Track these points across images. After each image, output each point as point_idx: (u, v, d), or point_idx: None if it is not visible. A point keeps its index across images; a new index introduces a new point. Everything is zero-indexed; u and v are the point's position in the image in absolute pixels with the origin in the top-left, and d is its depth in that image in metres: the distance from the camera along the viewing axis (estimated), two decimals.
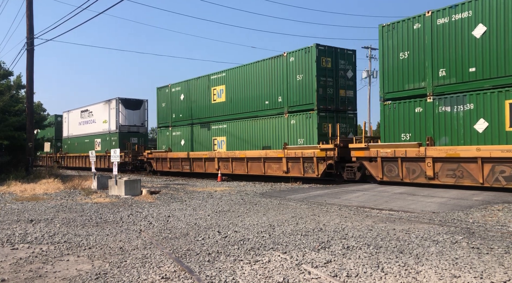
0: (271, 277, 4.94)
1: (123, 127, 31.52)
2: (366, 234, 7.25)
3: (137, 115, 32.48)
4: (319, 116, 17.56)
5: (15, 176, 19.68)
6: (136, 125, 32.33)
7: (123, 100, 31.56)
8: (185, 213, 10.18)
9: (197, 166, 23.76)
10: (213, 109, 23.30)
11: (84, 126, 36.69)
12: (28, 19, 20.94)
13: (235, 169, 21.28)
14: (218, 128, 22.88)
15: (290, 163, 18.32)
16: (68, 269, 5.49)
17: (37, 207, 11.61)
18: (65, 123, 40.81)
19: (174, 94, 26.47)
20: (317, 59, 17.59)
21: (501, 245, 6.24)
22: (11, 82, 24.23)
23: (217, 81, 23.12)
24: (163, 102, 27.54)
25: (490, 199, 11.09)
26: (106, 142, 32.77)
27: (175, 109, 26.35)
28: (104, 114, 33.12)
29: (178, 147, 25.93)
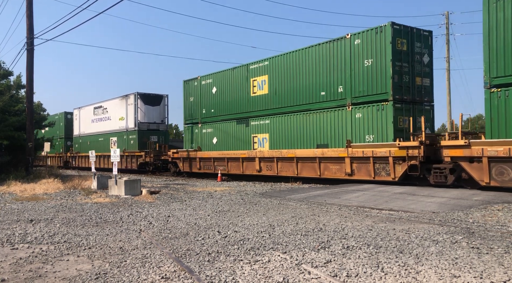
0: (271, 277, 4.94)
1: (142, 124, 29.30)
2: (366, 234, 7.25)
3: (157, 111, 30.07)
4: (395, 108, 14.96)
5: (15, 176, 19.69)
6: (156, 122, 29.95)
7: (142, 95, 29.17)
8: (185, 213, 10.18)
9: (233, 167, 21.36)
10: (252, 102, 20.77)
11: (98, 124, 34.38)
12: (28, 19, 20.94)
13: (281, 170, 18.77)
14: (258, 124, 20.44)
15: (356, 164, 15.86)
16: (68, 269, 5.49)
17: (37, 207, 11.61)
18: (76, 120, 38.40)
19: (204, 87, 23.98)
20: (393, 40, 15.02)
21: (501, 245, 6.24)
22: (11, 82, 24.23)
23: (257, 71, 20.47)
24: (191, 96, 25.05)
25: (490, 199, 11.09)
26: (123, 141, 30.55)
27: (206, 104, 23.89)
28: (121, 110, 30.86)
29: (209, 146, 23.53)
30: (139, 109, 29.08)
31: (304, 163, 17.82)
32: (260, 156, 19.82)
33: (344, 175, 16.31)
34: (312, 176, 17.61)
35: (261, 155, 19.76)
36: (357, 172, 15.93)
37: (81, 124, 37.40)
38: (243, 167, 20.76)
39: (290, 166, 18.42)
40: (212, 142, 23.39)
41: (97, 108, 34.74)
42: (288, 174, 18.45)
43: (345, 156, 16.09)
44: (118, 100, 31.12)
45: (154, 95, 29.95)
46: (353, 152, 15.78)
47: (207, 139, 23.84)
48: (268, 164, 19.56)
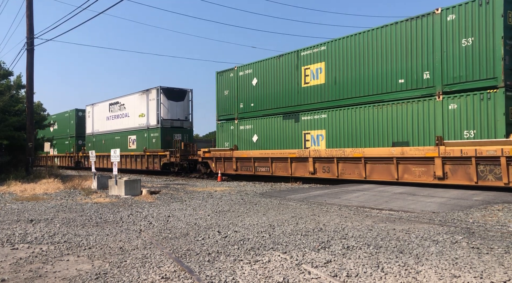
0: (271, 277, 4.94)
1: (165, 121, 27.03)
2: (366, 234, 7.25)
3: (181, 107, 27.90)
4: (507, 96, 12.31)
5: (15, 176, 19.70)
6: (179, 119, 27.74)
7: (165, 90, 27.04)
8: (185, 213, 10.18)
9: (279, 168, 18.89)
10: (304, 94, 18.18)
11: (114, 121, 32.06)
12: (28, 19, 20.94)
13: (343, 173, 16.33)
14: (312, 119, 17.78)
15: (449, 166, 13.21)
16: (68, 269, 5.49)
17: (37, 207, 11.61)
18: (89, 118, 35.94)
19: (242, 78, 21.35)
20: (504, 13, 12.30)
21: (501, 245, 6.24)
22: (11, 82, 24.24)
23: (311, 57, 17.88)
24: (226, 89, 22.36)
25: (490, 199, 11.09)
26: (143, 139, 28.33)
27: (244, 97, 21.22)
28: (141, 106, 28.56)
29: (247, 144, 20.93)
30: (162, 104, 26.86)
31: (375, 164, 15.22)
32: (315, 156, 17.23)
33: (433, 179, 13.63)
34: (386, 180, 14.92)
35: (316, 154, 17.19)
36: (451, 175, 13.22)
37: (94, 121, 35.03)
38: (291, 168, 18.24)
39: (356, 167, 15.87)
40: (252, 140, 20.69)
41: (113, 104, 32.32)
42: (352, 177, 15.96)
43: (435, 156, 13.37)
44: (138, 95, 28.90)
45: (177, 89, 27.79)
46: (446, 151, 13.10)
47: (245, 137, 21.18)
48: (325, 165, 16.97)
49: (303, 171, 17.88)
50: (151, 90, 27.46)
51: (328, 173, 16.93)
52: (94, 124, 35.14)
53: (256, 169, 20.06)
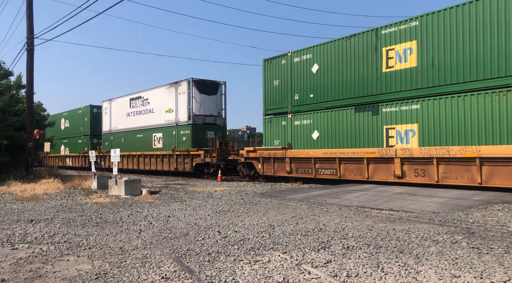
0: (271, 277, 4.94)
1: (197, 117, 24.43)
2: (366, 234, 7.25)
3: (214, 101, 25.41)
4: None
5: (15, 176, 19.71)
6: (212, 115, 25.28)
7: (197, 82, 24.53)
8: (185, 213, 10.18)
9: (349, 171, 16.15)
10: (385, 81, 15.21)
11: (136, 118, 29.41)
12: (28, 19, 20.94)
13: (445, 177, 13.41)
14: (397, 111, 14.84)
15: None
16: (68, 269, 5.49)
17: (37, 207, 11.61)
18: (106, 114, 33.29)
19: (298, 65, 18.59)
20: None
21: (501, 245, 6.24)
22: (11, 82, 24.26)
23: (396, 36, 14.94)
24: (276, 79, 19.63)
25: (490, 199, 11.09)
26: (171, 137, 25.73)
27: (301, 87, 18.44)
28: (169, 101, 25.94)
29: (305, 142, 18.13)
30: (194, 98, 24.26)
31: (495, 166, 12.32)
32: (404, 156, 14.36)
33: None
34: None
35: (406, 154, 14.30)
36: None
37: (112, 118, 32.33)
38: (368, 171, 15.43)
39: (465, 170, 12.93)
40: (311, 138, 17.85)
41: (134, 99, 29.68)
42: (461, 182, 13.08)
43: None
44: (165, 88, 26.35)
45: (210, 82, 25.28)
46: None
47: (302, 134, 18.35)
48: (419, 168, 14.11)
49: (385, 174, 14.97)
50: (180, 82, 24.94)
51: (423, 177, 13.98)
52: (112, 121, 32.44)
53: (318, 171, 17.26)
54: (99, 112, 35.12)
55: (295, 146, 18.68)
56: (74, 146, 37.73)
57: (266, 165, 19.65)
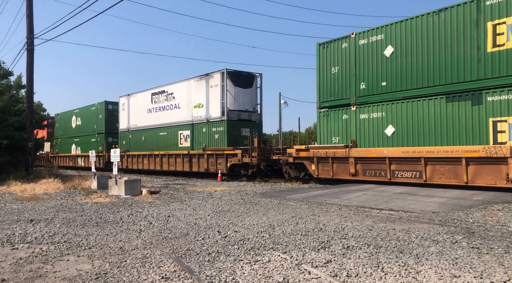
0: (271, 277, 4.94)
1: (232, 112, 21.87)
2: (366, 234, 7.25)
3: (249, 95, 22.93)
4: None
5: (15, 176, 19.72)
6: (247, 110, 22.69)
7: (231, 74, 21.97)
8: (185, 213, 10.18)
9: (440, 173, 13.51)
10: (492, 63, 12.69)
11: (159, 114, 27.00)
12: (28, 19, 20.94)
13: None
14: (511, 99, 12.26)
15: None
16: (68, 269, 5.49)
17: (37, 207, 11.61)
18: (123, 111, 30.87)
19: (365, 49, 16.02)
20: None
21: (501, 245, 6.24)
22: (11, 82, 24.28)
23: (509, 7, 12.34)
24: (334, 66, 17.11)
25: (490, 199, 11.09)
26: (201, 135, 23.43)
27: (369, 74, 15.85)
28: (198, 95, 23.50)
29: (376, 139, 15.60)
30: (228, 92, 21.77)
31: None
32: None
33: None
34: None
35: None
36: None
37: (131, 115, 29.91)
38: (467, 174, 12.81)
39: None
40: (384, 134, 15.37)
41: (157, 94, 27.24)
42: None
43: None
44: (193, 81, 23.87)
45: (245, 73, 22.77)
46: None
47: (370, 129, 15.80)
48: None
49: (493, 178, 12.36)
50: (212, 74, 22.47)
51: None
52: (130, 118, 29.98)
53: (394, 174, 14.67)
54: (114, 108, 32.56)
55: (361, 143, 15.99)
56: (86, 145, 35.17)
57: (322, 166, 17.05)
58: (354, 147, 16.08)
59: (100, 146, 32.69)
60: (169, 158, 25.40)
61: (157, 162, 26.43)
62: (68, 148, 38.28)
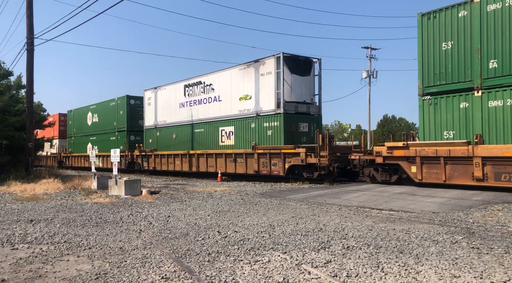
0: (271, 277, 4.94)
1: (289, 105, 18.79)
2: (366, 234, 7.25)
3: (307, 84, 19.74)
4: None
5: (15, 176, 19.72)
6: (305, 102, 19.54)
7: (288, 59, 18.89)
8: (185, 213, 10.18)
9: None
10: None
11: (194, 109, 23.93)
12: (28, 19, 20.95)
13: None
14: None
15: None
16: (68, 269, 5.49)
17: (37, 207, 11.61)
18: (149, 106, 27.89)
19: (496, 16, 12.81)
20: None
21: (501, 245, 6.24)
22: (11, 82, 24.29)
23: None
24: (446, 40, 13.93)
25: (490, 199, 11.09)
26: (249, 132, 20.22)
27: (504, 49, 12.63)
28: (245, 85, 20.39)
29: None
30: (285, 81, 18.66)
31: None
32: None
33: None
34: None
35: None
36: None
37: (158, 110, 27.01)
38: None
39: None
40: None
41: (191, 85, 24.21)
42: None
43: None
44: (238, 69, 20.85)
45: (304, 58, 19.64)
46: None
47: (506, 120, 12.53)
48: None
49: None
50: (264, 60, 19.35)
51: None
52: (157, 114, 27.04)
53: None
54: (137, 104, 29.77)
55: (491, 139, 12.83)
56: (105, 144, 32.09)
57: (429, 169, 13.89)
58: (480, 145, 12.67)
59: (122, 145, 29.69)
60: (208, 158, 22.33)
61: (192, 163, 23.48)
62: (83, 147, 35.29)
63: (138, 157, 28.10)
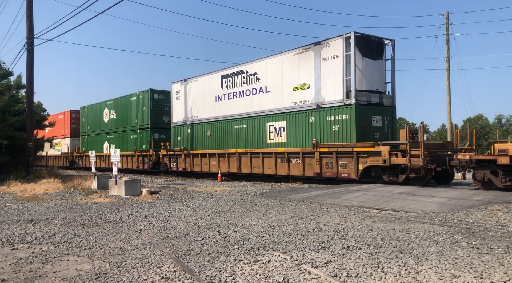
0: (271, 277, 4.94)
1: (361, 94, 16.00)
2: (366, 234, 7.25)
3: (379, 70, 17.05)
4: None
5: (15, 176, 19.72)
6: (378, 91, 16.86)
7: (359, 39, 16.12)
8: (185, 213, 10.18)
9: None
10: None
11: (234, 102, 21.20)
12: (28, 19, 20.95)
13: None
14: None
15: None
16: (68, 269, 5.49)
17: (37, 207, 11.61)
18: (177, 100, 25.34)
19: None
20: None
21: (501, 245, 6.24)
22: (11, 82, 24.28)
23: None
24: None
25: (490, 199, 11.09)
26: (306, 127, 17.53)
27: None
28: (303, 72, 17.68)
29: None
30: (357, 67, 15.89)
31: None
32: None
33: None
34: None
35: None
36: None
37: (189, 105, 24.40)
38: None
39: None
40: None
41: (229, 76, 21.65)
42: None
43: None
44: (292, 54, 18.26)
45: (376, 39, 16.96)
46: None
47: None
48: None
49: None
50: (328, 42, 16.63)
51: None
52: (188, 109, 24.47)
53: None
54: (161, 98, 27.31)
55: None
56: (124, 142, 29.66)
57: None
58: None
59: (144, 144, 27.32)
60: (252, 158, 19.77)
61: (232, 164, 20.95)
62: (99, 146, 32.42)
63: (165, 157, 25.52)
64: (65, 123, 38.52)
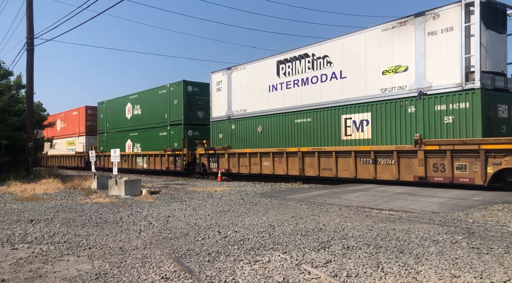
0: (271, 277, 4.94)
1: (486, 76, 12.78)
2: (366, 234, 7.25)
3: (503, 47, 13.84)
4: None
5: (15, 176, 19.73)
6: (502, 73, 13.60)
7: (482, 7, 12.62)
8: (185, 213, 10.18)
9: None
10: None
11: (294, 92, 18.05)
12: (28, 19, 20.96)
13: None
14: None
15: None
16: (68, 269, 5.49)
17: (37, 207, 11.61)
18: (219, 92, 22.14)
19: None
20: None
21: (501, 245, 6.24)
22: (11, 82, 24.29)
23: None
24: None
25: (490, 199, 11.09)
26: (399, 119, 14.40)
27: None
28: (397, 50, 14.46)
29: None
30: (480, 40, 12.61)
31: None
32: None
33: None
34: None
35: None
36: None
37: (234, 97, 21.25)
38: None
39: None
40: None
41: (288, 61, 18.52)
42: None
43: None
44: (381, 30, 15.01)
45: (501, 7, 13.73)
46: None
47: None
48: None
49: None
50: (437, 11, 13.45)
51: None
52: (233, 101, 21.32)
53: None
54: (195, 91, 24.69)
55: None
56: (151, 140, 27.02)
57: None
58: None
59: (175, 142, 24.68)
60: (321, 158, 16.73)
61: (291, 165, 17.93)
62: (120, 145, 29.42)
63: (203, 156, 22.55)
64: (80, 120, 35.14)
